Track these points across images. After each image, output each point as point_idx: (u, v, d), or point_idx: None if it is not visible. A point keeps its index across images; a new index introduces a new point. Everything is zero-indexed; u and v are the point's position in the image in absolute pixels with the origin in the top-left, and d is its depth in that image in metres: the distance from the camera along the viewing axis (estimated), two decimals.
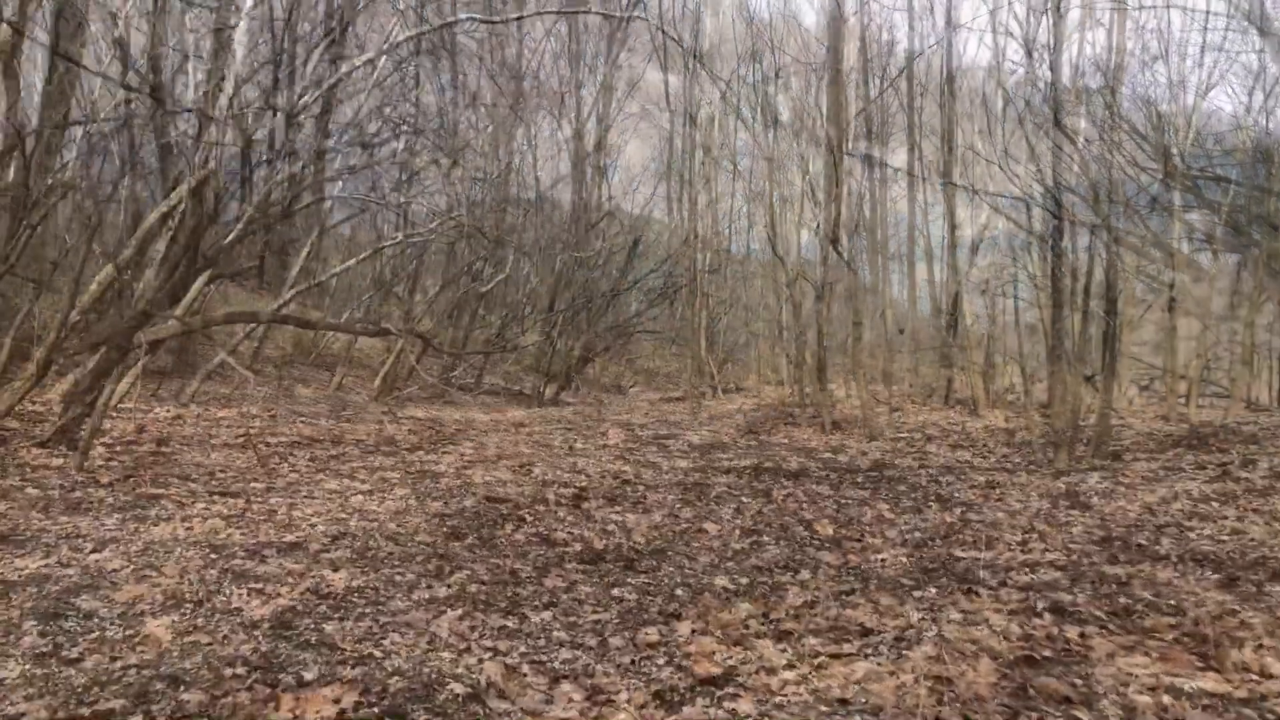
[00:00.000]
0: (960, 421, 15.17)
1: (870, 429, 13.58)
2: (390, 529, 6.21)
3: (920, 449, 12.26)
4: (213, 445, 10.76)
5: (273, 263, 31.90)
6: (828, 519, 6.42)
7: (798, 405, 17.69)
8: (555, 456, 11.14)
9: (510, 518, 6.66)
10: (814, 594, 4.47)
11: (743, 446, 12.84)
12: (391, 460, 10.47)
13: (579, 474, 9.39)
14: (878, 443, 13.17)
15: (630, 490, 8.18)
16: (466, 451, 11.76)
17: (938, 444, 12.67)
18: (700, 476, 9.23)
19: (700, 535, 6.15)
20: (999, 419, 15.21)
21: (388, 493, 7.89)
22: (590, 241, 27.99)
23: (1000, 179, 17.19)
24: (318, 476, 8.83)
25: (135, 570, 4.99)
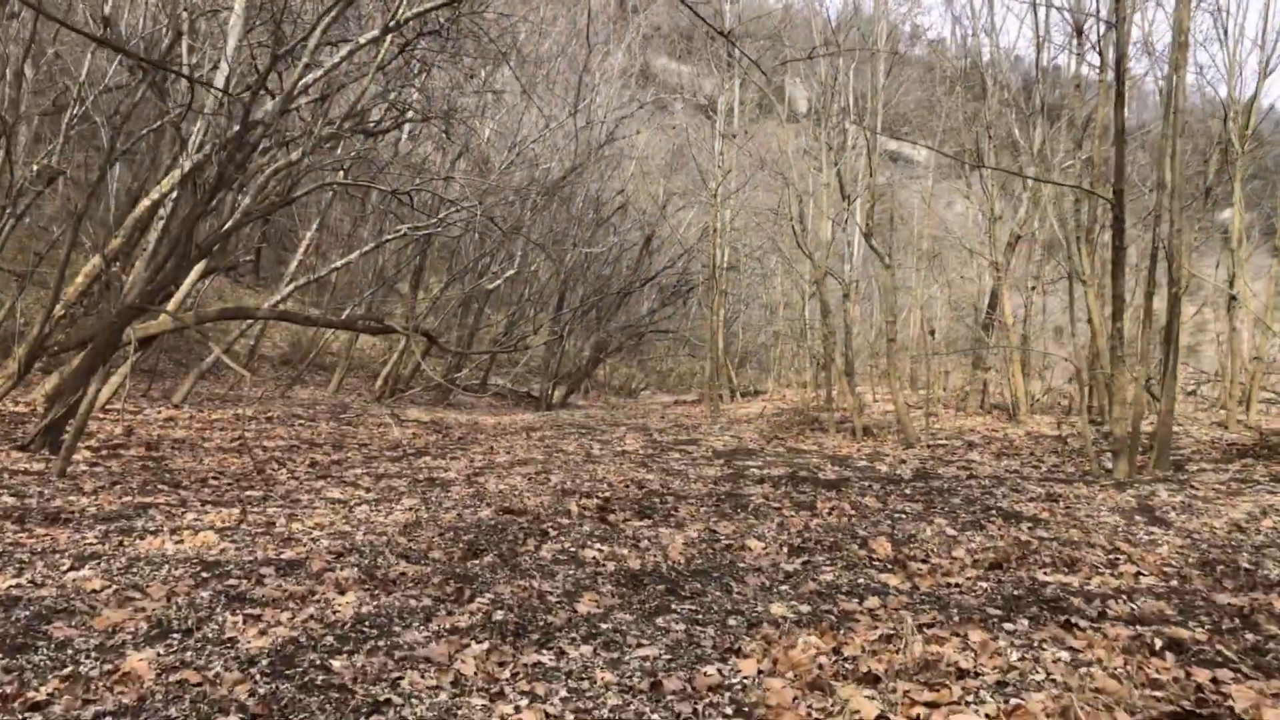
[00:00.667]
0: (999, 428, 14.72)
1: (907, 435, 13.13)
2: (400, 544, 5.79)
3: (963, 457, 11.81)
4: (206, 449, 10.36)
5: (269, 258, 31.61)
6: (884, 536, 5.98)
7: (824, 409, 17.26)
8: (572, 464, 10.72)
9: (531, 532, 6.23)
10: (890, 626, 4.03)
11: (770, 453, 12.41)
12: (397, 466, 10.07)
13: (600, 483, 8.96)
14: (915, 450, 12.73)
15: (659, 502, 7.75)
16: (476, 457, 11.36)
17: (980, 451, 12.23)
18: (732, 486, 8.81)
19: (744, 553, 5.71)
20: (1040, 425, 14.75)
21: (395, 503, 7.47)
22: (601, 237, 27.57)
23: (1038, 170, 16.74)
24: (318, 484, 8.42)
25: (117, 591, 4.58)
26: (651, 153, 29.85)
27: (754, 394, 25.01)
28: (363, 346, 26.36)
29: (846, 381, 14.86)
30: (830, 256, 16.32)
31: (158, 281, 9.82)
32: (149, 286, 9.70)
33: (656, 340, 34.52)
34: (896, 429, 14.64)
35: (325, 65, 12.23)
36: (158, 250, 10.75)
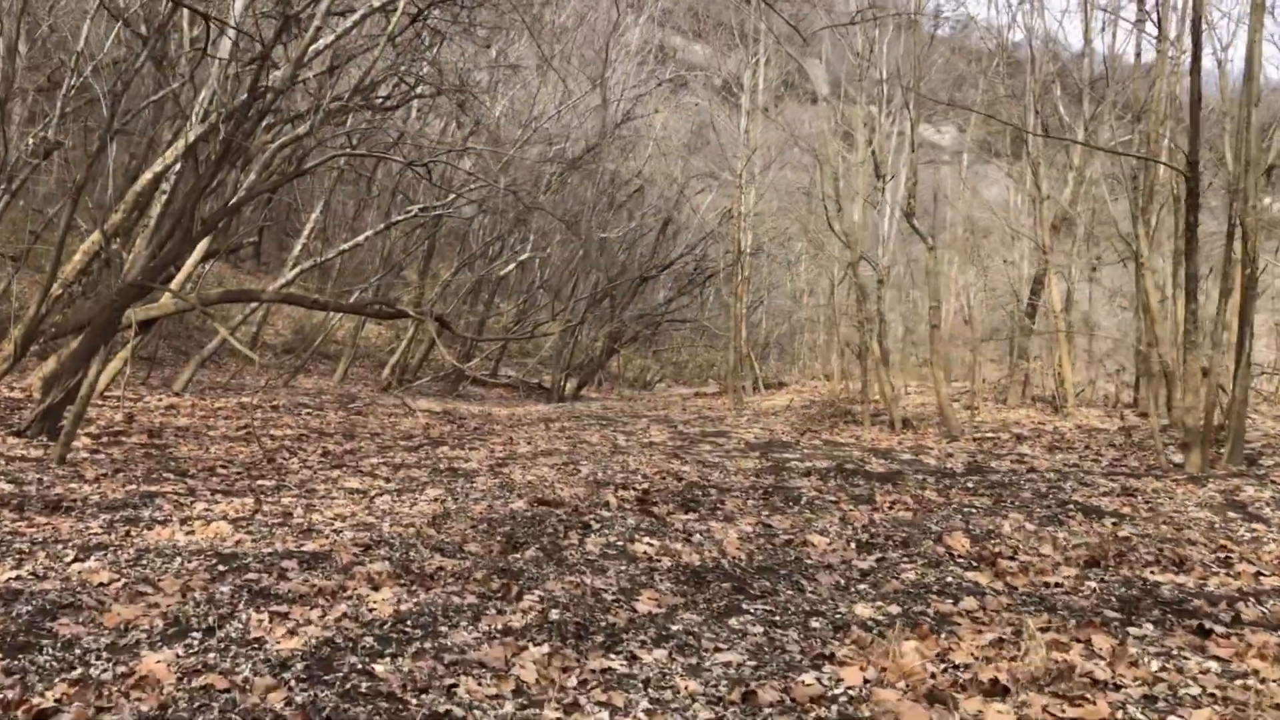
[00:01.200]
0: (1046, 420, 14.35)
1: (949, 428, 12.77)
2: (431, 536, 5.46)
3: (1013, 450, 11.45)
4: (211, 438, 10.05)
5: (270, 242, 31.32)
6: (959, 531, 5.64)
7: (857, 401, 16.90)
8: (599, 454, 10.39)
9: (572, 524, 5.90)
10: (998, 629, 3.69)
11: (806, 446, 12.06)
12: (415, 456, 9.75)
13: (634, 474, 8.63)
14: (960, 443, 12.37)
15: (701, 494, 7.42)
16: (496, 448, 11.03)
17: (1031, 445, 11.87)
18: (776, 479, 8.46)
19: (808, 549, 5.38)
20: (1090, 418, 14.38)
21: (418, 493, 7.15)
22: (616, 221, 27.20)
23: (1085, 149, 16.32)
24: (334, 473, 8.10)
25: (127, 585, 4.26)
26: (669, 133, 29.45)
27: (778, 385, 24.65)
28: (368, 335, 26.07)
29: (883, 372, 14.49)
30: (864, 240, 15.93)
31: (160, 259, 9.50)
32: (151, 264, 9.38)
33: (673, 330, 34.14)
34: (937, 421, 14.28)
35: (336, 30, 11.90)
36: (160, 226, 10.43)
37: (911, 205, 12.93)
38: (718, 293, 33.19)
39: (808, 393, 20.75)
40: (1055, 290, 14.36)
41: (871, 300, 14.71)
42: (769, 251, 27.27)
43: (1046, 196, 14.42)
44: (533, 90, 20.26)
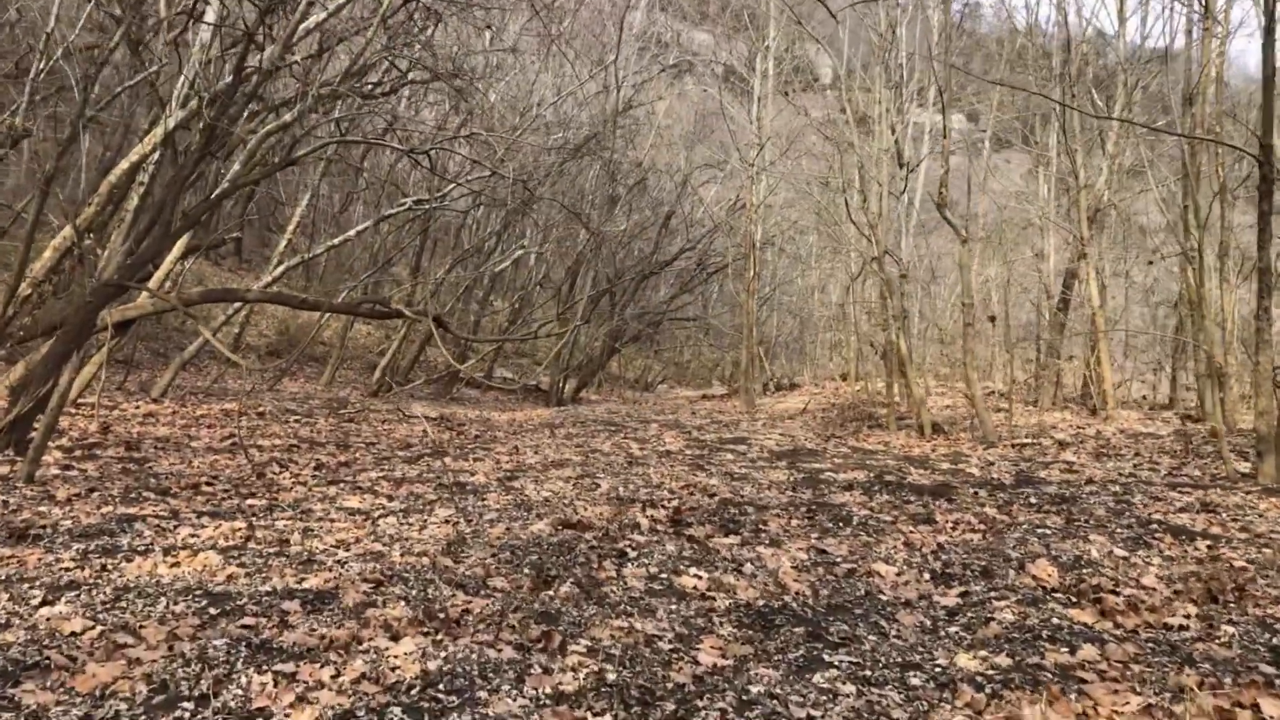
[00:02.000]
0: (1085, 424, 13.91)
1: (985, 433, 12.31)
2: (449, 568, 4.98)
3: (1058, 458, 11.01)
4: (194, 450, 9.55)
5: (251, 238, 30.76)
6: (1042, 558, 5.18)
7: (880, 404, 16.46)
8: (615, 466, 9.91)
9: (605, 552, 5.42)
10: (1137, 689, 3.22)
11: (834, 454, 11.60)
12: (416, 469, 9.26)
13: (659, 489, 8.16)
14: (998, 450, 11.94)
15: (737, 512, 6.95)
16: (502, 458, 10.55)
17: (1075, 451, 11.42)
18: (814, 494, 8.00)
19: (875, 580, 4.91)
20: (1131, 420, 13.95)
21: (426, 514, 6.66)
22: (616, 215, 26.71)
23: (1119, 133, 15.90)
24: (330, 490, 7.61)
25: (104, 635, 3.77)
26: (673, 121, 28.97)
27: (790, 386, 24.22)
28: (356, 335, 25.55)
29: (910, 373, 14.04)
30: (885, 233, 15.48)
31: (138, 256, 9.00)
32: (128, 262, 8.88)
33: (676, 329, 33.68)
34: (968, 426, 13.85)
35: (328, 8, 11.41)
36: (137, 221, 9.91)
37: (944, 195, 12.47)
38: (721, 289, 32.74)
39: (824, 394, 20.32)
40: (1093, 284, 13.92)
41: (897, 296, 14.26)
42: (780, 245, 26.80)
43: (1086, 185, 13.98)
44: (531, 76, 19.77)
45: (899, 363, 14.55)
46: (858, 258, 18.74)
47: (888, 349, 14.88)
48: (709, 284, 31.39)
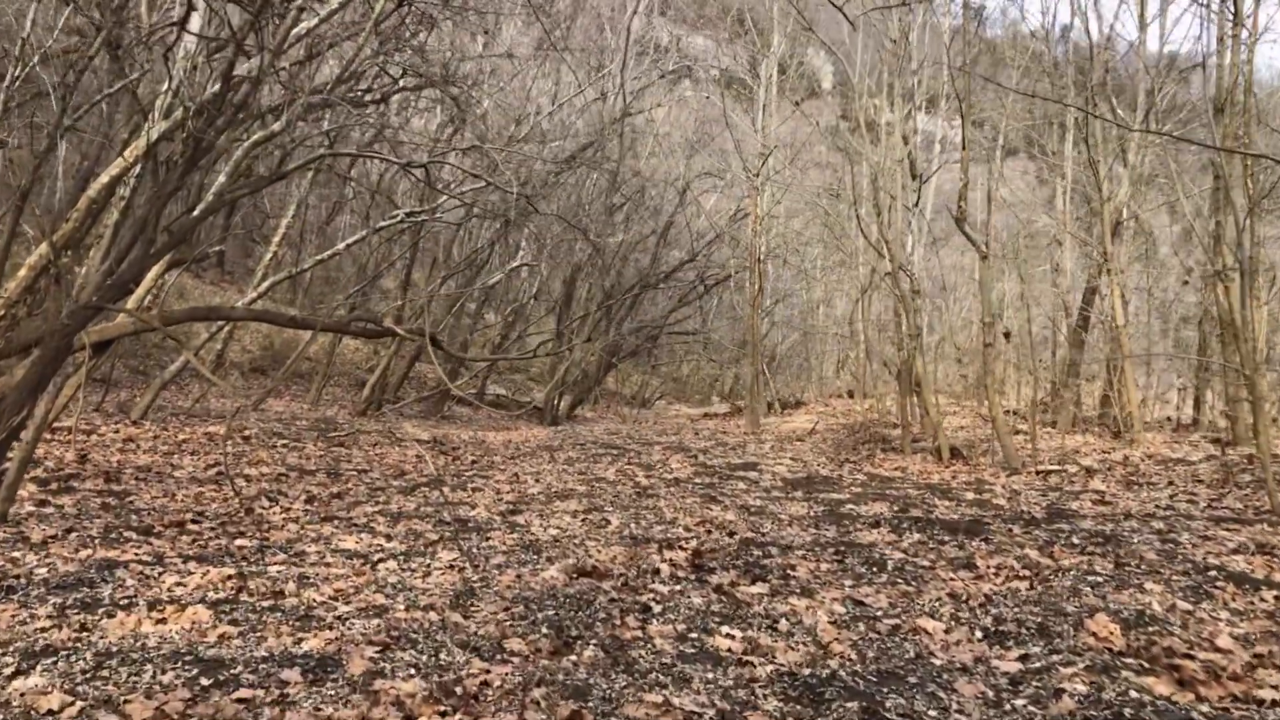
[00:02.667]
0: (1109, 448, 13.69)
1: (1008, 459, 12.08)
2: (460, 626, 4.71)
3: (1086, 487, 10.77)
4: (177, 480, 9.26)
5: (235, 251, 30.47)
6: (1101, 613, 4.93)
7: (891, 425, 16.24)
8: (624, 497, 9.64)
9: (627, 605, 5.15)
10: None
11: (851, 482, 11.35)
12: (413, 502, 8.98)
13: (674, 526, 7.89)
14: (1021, 477, 11.70)
15: (761, 554, 6.69)
16: (502, 488, 10.27)
17: (1104, 479, 11.19)
18: (838, 531, 7.74)
19: (924, 640, 4.65)
20: (1157, 445, 13.73)
21: (429, 556, 6.39)
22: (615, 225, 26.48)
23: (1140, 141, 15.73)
24: (324, 529, 7.33)
25: (85, 713, 3.50)
26: (672, 128, 28.78)
27: (795, 405, 23.98)
28: (343, 351, 25.28)
29: (926, 393, 13.81)
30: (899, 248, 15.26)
31: (118, 276, 8.72)
32: (107, 282, 8.60)
33: (674, 343, 33.43)
34: (985, 450, 13.61)
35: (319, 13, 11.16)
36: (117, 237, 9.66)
37: (963, 209, 12.25)
38: (720, 302, 32.52)
39: (832, 414, 20.08)
40: (1117, 301, 13.71)
41: (911, 313, 14.03)
42: (783, 258, 26.59)
43: (1109, 198, 13.78)
44: (528, 82, 19.54)
45: (915, 383, 14.32)
46: (867, 271, 18.54)
47: (902, 368, 14.65)
48: (708, 297, 31.16)
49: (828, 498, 9.83)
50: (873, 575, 6.06)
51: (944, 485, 11.11)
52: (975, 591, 5.48)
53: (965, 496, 10.05)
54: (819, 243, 23.96)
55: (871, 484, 11.17)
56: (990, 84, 13.97)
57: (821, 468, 12.87)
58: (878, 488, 10.78)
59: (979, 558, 6.44)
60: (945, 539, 7.24)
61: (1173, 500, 9.46)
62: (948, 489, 10.69)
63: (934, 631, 4.77)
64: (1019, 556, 6.46)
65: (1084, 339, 16.14)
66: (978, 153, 29.71)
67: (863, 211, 15.12)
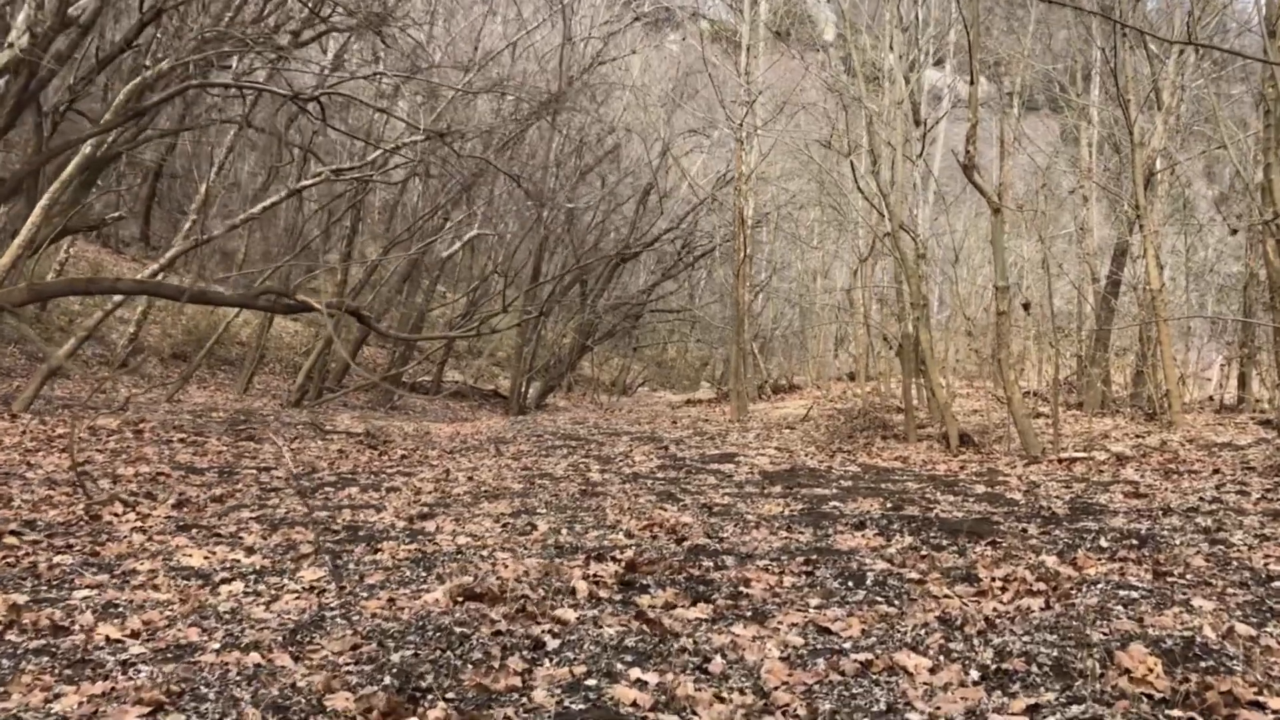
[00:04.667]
0: (1144, 432, 12.84)
1: (1026, 446, 11.21)
2: (283, 673, 3.81)
3: (1116, 475, 9.91)
4: (27, 480, 8.34)
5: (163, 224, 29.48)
6: (1136, 641, 4.03)
7: (894, 409, 15.38)
8: (565, 496, 8.74)
9: (514, 640, 4.25)
10: None
11: (841, 474, 10.47)
12: (306, 506, 8.06)
13: (614, 530, 6.99)
14: (1041, 466, 10.84)
15: (712, 564, 5.80)
16: (424, 487, 9.37)
17: (1137, 468, 10.33)
18: (815, 533, 6.85)
19: (903, 684, 3.75)
20: (1199, 428, 12.88)
21: (290, 575, 5.49)
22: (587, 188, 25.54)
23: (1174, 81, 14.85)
24: (177, 540, 6.41)
25: None
26: (650, 80, 27.80)
27: (788, 388, 23.09)
28: (280, 335, 24.34)
29: (932, 371, 12.93)
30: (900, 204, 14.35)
31: None
32: None
33: (657, 322, 32.49)
34: (1001, 436, 12.75)
35: None
36: None
37: (972, 154, 11.33)
38: (710, 276, 31.60)
39: (828, 398, 19.20)
40: (1151, 261, 12.80)
41: (914, 280, 13.13)
42: (775, 223, 25.64)
43: (1140, 142, 12.85)
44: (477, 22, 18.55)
45: (918, 360, 13.45)
46: (867, 234, 17.62)
47: (904, 343, 13.76)
48: (695, 270, 30.24)
49: (810, 494, 8.94)
50: (847, 592, 5.16)
51: (950, 477, 10.23)
52: (974, 614, 4.58)
53: (974, 490, 9.18)
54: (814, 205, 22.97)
55: (865, 477, 10.28)
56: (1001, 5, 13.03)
57: (809, 458, 11.99)
58: (872, 481, 9.89)
59: (982, 567, 5.55)
60: (943, 543, 6.35)
61: (1220, 492, 8.59)
62: (954, 481, 9.81)
63: (916, 670, 3.87)
64: (1033, 565, 5.56)
65: (1114, 307, 15.23)
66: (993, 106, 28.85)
67: (858, 163, 14.19)
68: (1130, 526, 6.94)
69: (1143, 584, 5.17)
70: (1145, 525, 7.00)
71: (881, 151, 14.53)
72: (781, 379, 24.55)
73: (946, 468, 11.07)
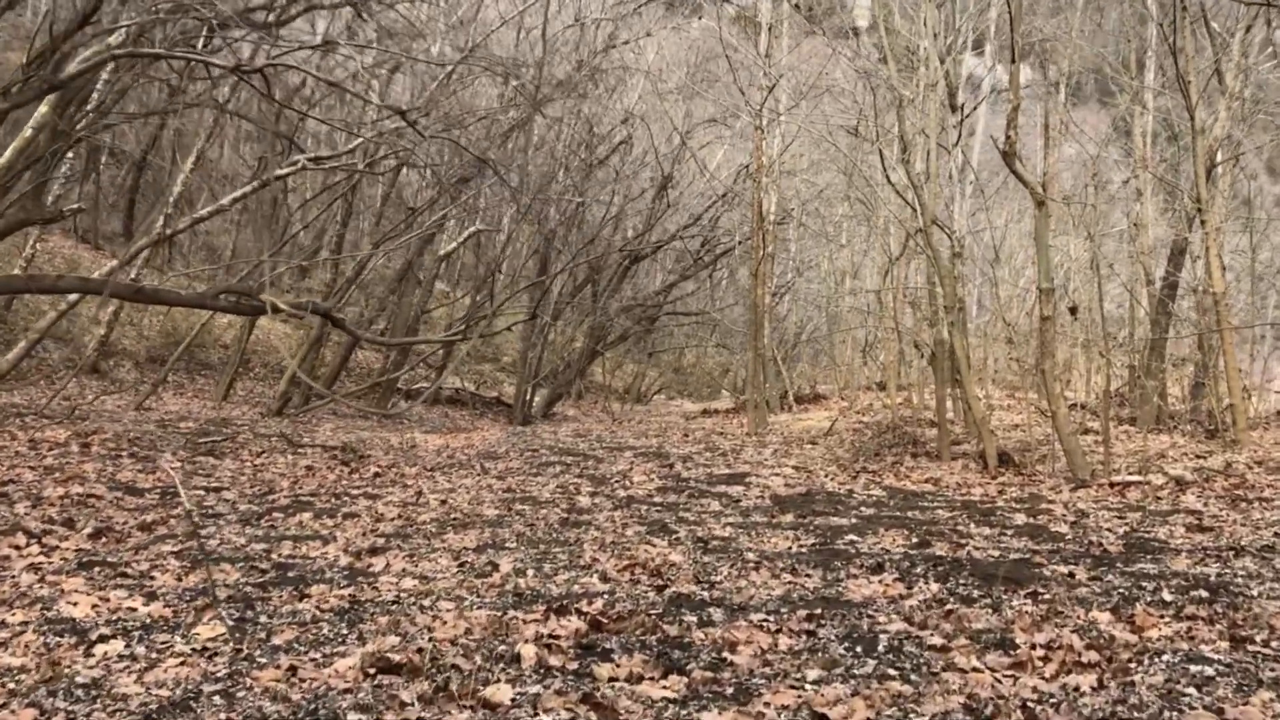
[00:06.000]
0: (1204, 452, 11.99)
1: (1074, 468, 10.41)
2: None
3: (1176, 504, 9.09)
4: None
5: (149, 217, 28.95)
6: None
7: (927, 424, 14.59)
8: (540, 528, 8.00)
9: None
10: None
11: (864, 500, 9.68)
12: (246, 535, 7.35)
13: (585, 572, 6.25)
14: (1090, 491, 10.02)
15: (695, 620, 5.05)
16: (388, 511, 8.66)
17: (1199, 495, 9.50)
18: (824, 577, 6.09)
19: None
20: (1267, 445, 12.03)
21: (186, 631, 4.77)
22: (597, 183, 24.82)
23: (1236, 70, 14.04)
24: (71, 580, 5.71)
25: None
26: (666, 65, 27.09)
27: (813, 398, 22.30)
28: (267, 337, 23.71)
29: (966, 382, 12.15)
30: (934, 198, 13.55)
31: None
32: None
33: (675, 326, 31.73)
34: (1044, 455, 11.94)
35: None
36: None
37: (1013, 140, 10.53)
38: (732, 276, 30.84)
39: (855, 410, 18.41)
40: (1214, 260, 11.96)
41: (949, 280, 12.33)
42: (800, 220, 24.84)
43: (1201, 130, 12.02)
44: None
45: (953, 369, 12.65)
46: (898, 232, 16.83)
47: (937, 351, 12.97)
48: (716, 270, 29.49)
49: (825, 524, 8.17)
50: (854, 661, 4.39)
51: (986, 504, 9.43)
52: (1009, 697, 3.81)
53: (1013, 520, 8.38)
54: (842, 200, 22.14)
55: (890, 502, 9.49)
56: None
57: (830, 479, 11.21)
58: (898, 508, 9.11)
59: (1021, 628, 4.77)
60: (974, 593, 5.57)
61: None
62: (991, 509, 9.01)
63: None
64: (1082, 625, 4.79)
65: (1170, 311, 14.38)
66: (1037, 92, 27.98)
67: (889, 153, 13.42)
68: (1196, 571, 6.14)
69: (1217, 655, 4.38)
70: (1214, 570, 6.20)
71: (914, 140, 13.75)
72: (806, 388, 23.76)
73: (983, 492, 10.27)
